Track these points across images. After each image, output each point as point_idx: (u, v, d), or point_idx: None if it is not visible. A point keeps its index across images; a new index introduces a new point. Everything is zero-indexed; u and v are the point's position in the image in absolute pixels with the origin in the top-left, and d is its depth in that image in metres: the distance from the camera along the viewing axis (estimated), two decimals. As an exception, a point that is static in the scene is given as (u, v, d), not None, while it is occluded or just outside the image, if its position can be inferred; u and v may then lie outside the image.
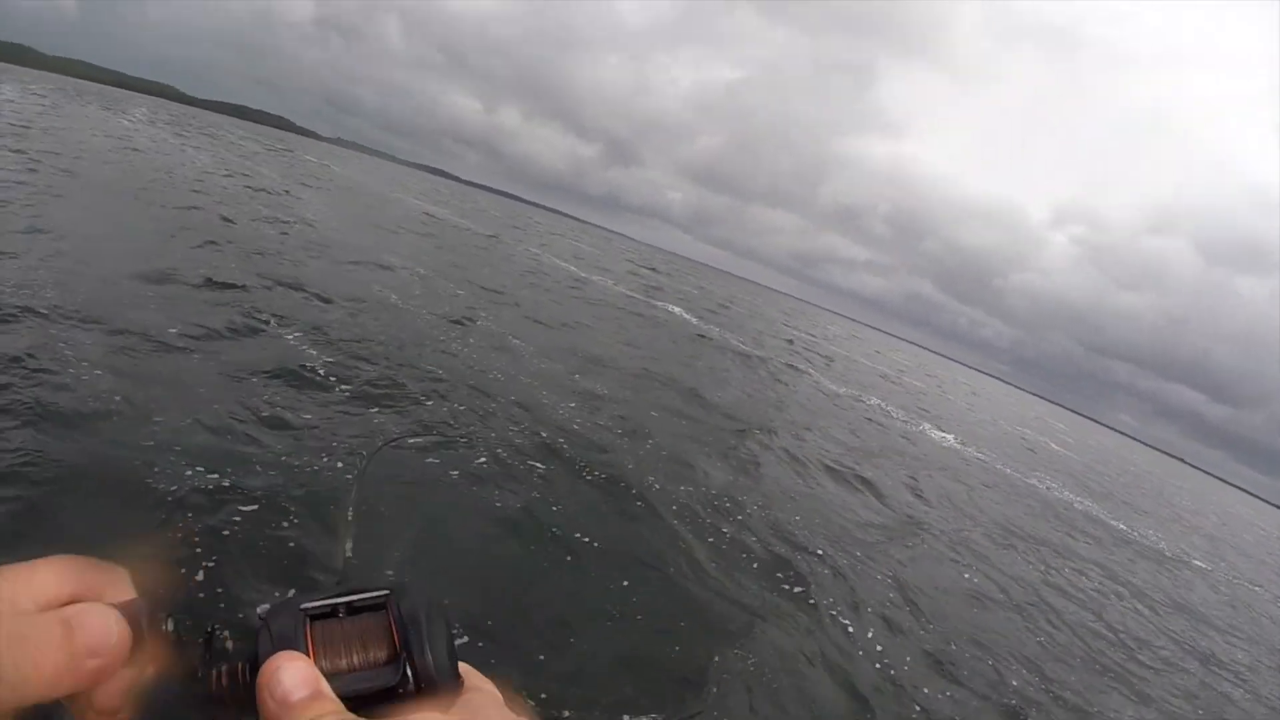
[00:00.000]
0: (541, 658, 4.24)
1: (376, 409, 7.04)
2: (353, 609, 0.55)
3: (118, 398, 5.46)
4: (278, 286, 10.47)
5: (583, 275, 30.82)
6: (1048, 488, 19.70)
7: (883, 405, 22.92)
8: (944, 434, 21.63)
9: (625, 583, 5.42)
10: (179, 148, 31.17)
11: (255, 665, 0.49)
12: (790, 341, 34.18)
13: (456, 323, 12.00)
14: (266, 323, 8.60)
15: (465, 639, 4.11)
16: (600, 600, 5.12)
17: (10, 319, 6.33)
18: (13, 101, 33.05)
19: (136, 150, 25.11)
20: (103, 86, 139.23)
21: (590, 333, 15.93)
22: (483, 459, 6.67)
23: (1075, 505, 18.54)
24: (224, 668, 0.52)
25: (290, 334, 8.48)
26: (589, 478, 7.18)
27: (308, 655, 0.50)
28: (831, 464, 11.38)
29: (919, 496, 11.75)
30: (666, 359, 15.93)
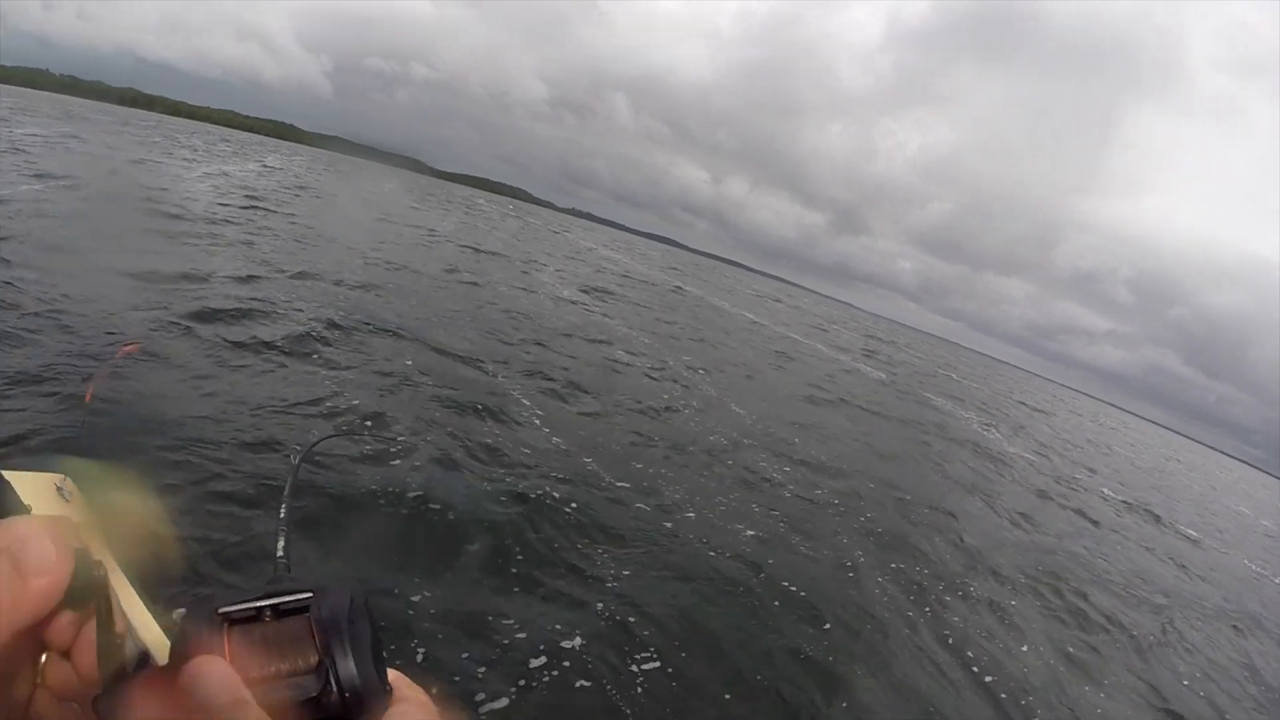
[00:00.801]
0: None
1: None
2: (276, 613, 0.51)
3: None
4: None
5: (821, 349, 30.15)
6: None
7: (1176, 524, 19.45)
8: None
9: None
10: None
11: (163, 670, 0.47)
12: (1046, 446, 30.37)
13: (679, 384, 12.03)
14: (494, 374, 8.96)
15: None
16: None
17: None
18: (281, 169, 39.29)
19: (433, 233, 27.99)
20: (356, 159, 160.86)
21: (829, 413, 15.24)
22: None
23: None
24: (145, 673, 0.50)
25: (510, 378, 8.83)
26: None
27: (225, 660, 0.47)
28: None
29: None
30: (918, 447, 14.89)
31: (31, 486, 0.60)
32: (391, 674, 0.53)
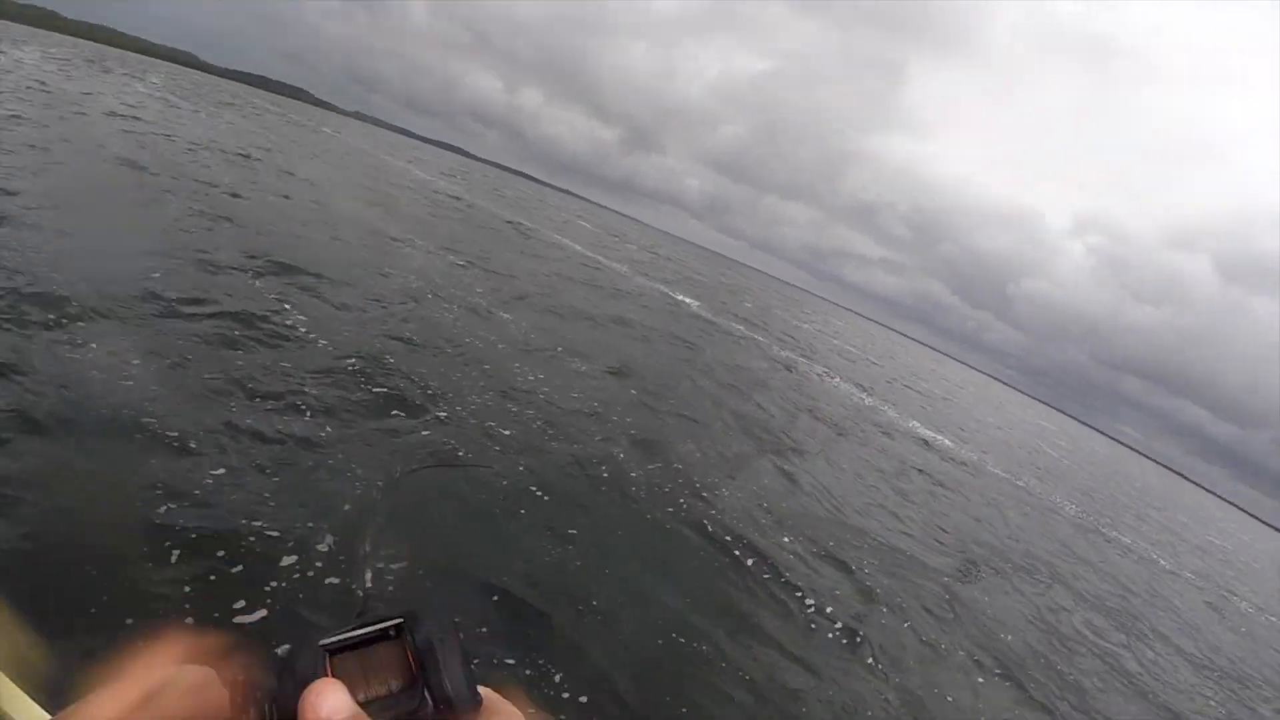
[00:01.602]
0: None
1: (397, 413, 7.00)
2: (370, 640, 0.57)
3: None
4: (295, 272, 10.49)
5: (593, 257, 30.33)
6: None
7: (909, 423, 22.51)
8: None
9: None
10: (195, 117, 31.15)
11: (278, 704, 0.50)
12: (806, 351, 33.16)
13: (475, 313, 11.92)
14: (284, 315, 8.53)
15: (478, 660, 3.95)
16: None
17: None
18: (30, 64, 32.99)
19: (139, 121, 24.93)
20: (122, 52, 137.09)
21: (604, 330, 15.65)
22: (502, 483, 6.49)
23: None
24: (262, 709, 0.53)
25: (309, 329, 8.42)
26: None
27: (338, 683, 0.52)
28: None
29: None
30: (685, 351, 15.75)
31: None
32: (482, 690, 0.59)
